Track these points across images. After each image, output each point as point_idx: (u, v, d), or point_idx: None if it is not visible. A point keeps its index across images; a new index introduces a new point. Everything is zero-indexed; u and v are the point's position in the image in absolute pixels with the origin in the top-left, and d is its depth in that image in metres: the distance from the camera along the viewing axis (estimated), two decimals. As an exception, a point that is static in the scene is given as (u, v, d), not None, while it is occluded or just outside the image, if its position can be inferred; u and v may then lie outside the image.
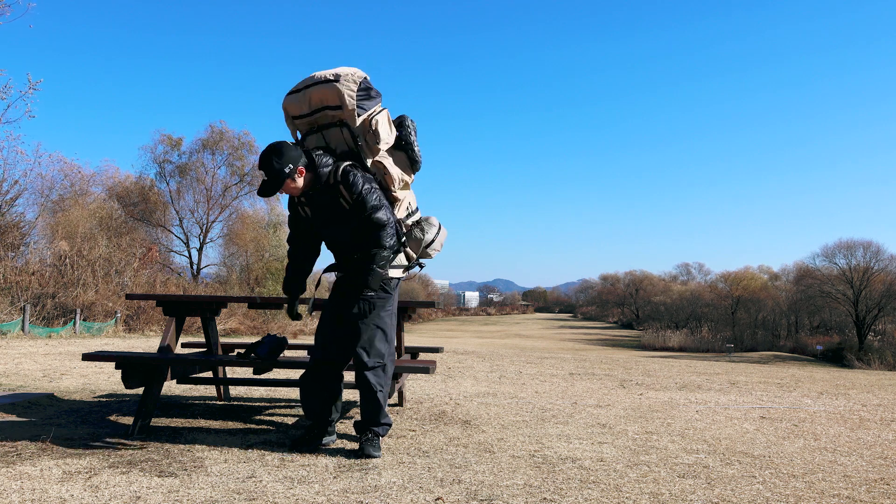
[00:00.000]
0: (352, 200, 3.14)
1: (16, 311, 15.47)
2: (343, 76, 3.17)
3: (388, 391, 3.40)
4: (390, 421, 3.37)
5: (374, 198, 3.15)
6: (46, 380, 6.01)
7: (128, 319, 18.52)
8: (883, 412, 5.60)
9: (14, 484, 2.65)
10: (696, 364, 13.46)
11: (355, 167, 3.19)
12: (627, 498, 2.65)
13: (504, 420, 4.46)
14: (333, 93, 3.16)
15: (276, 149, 3.09)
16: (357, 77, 3.19)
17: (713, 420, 4.77)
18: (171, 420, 4.12)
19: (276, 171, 3.06)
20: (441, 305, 8.18)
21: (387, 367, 3.33)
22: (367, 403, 3.31)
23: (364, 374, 3.26)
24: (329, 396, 3.39)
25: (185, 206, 33.66)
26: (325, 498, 2.55)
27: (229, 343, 5.23)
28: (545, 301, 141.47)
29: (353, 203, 3.15)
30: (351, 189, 3.12)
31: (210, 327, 4.59)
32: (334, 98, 3.17)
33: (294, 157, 3.09)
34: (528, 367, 9.41)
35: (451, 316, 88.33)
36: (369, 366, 3.25)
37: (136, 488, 2.63)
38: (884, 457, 3.68)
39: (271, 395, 5.40)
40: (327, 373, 3.39)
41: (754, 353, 44.97)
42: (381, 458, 3.24)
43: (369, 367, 3.25)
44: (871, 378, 10.91)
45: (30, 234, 21.09)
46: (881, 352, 36.63)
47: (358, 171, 3.17)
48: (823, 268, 52.37)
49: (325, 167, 3.15)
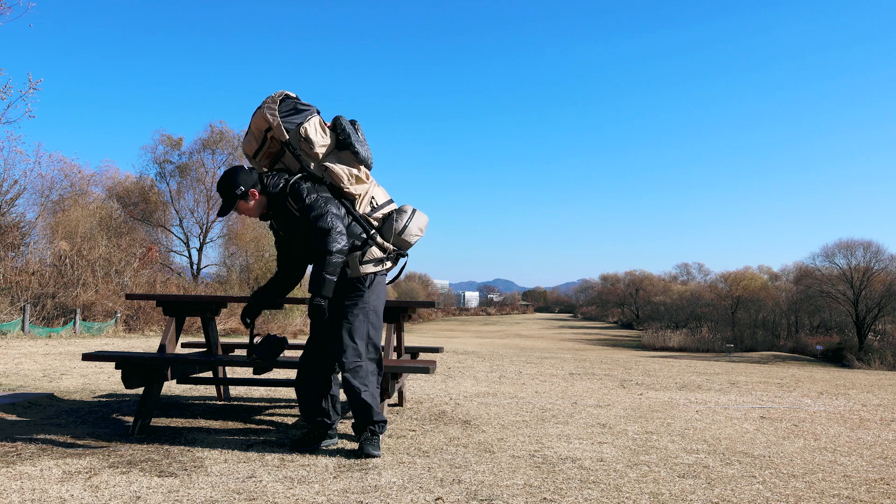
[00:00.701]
0: (298, 211, 3.28)
1: (16, 311, 15.47)
2: (265, 100, 3.44)
3: (377, 388, 3.41)
4: (384, 418, 3.38)
5: (319, 204, 3.26)
6: (46, 380, 6.01)
7: (128, 319, 18.52)
8: (883, 412, 5.60)
9: (14, 484, 2.65)
10: (696, 364, 13.45)
11: (303, 179, 3.35)
12: (627, 498, 2.65)
13: (504, 420, 4.46)
14: (260, 116, 3.41)
15: (230, 173, 3.36)
16: (277, 96, 3.44)
17: (713, 420, 4.78)
18: (171, 420, 4.12)
19: (228, 193, 3.31)
20: (441, 305, 8.17)
21: (364, 366, 3.34)
22: (353, 406, 3.35)
23: (344, 375, 3.32)
24: (319, 398, 3.43)
25: (185, 206, 33.64)
26: (325, 498, 2.55)
27: (229, 343, 5.23)
28: (545, 301, 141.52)
29: (300, 213, 3.28)
30: (296, 200, 3.29)
31: (210, 327, 4.60)
32: (263, 121, 3.40)
33: (245, 180, 3.32)
34: (528, 367, 9.41)
35: (451, 316, 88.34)
36: (347, 367, 3.30)
37: (136, 488, 2.63)
38: (884, 457, 3.68)
39: (271, 395, 5.40)
40: (312, 374, 3.44)
41: (754, 353, 44.98)
42: (381, 458, 3.24)
43: (346, 368, 3.31)
44: (871, 378, 10.91)
45: (30, 234, 21.11)
46: (881, 352, 36.64)
47: (304, 183, 3.33)
48: (823, 268, 52.41)
49: (276, 186, 3.34)
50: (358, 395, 3.29)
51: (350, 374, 3.29)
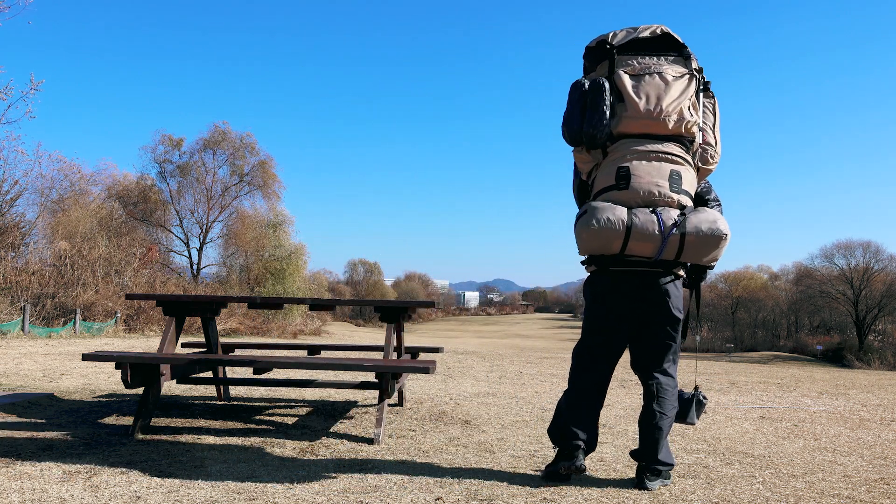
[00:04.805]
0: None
1: (16, 311, 15.47)
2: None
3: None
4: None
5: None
6: (46, 380, 6.01)
7: (128, 319, 18.52)
8: (883, 412, 5.60)
9: (14, 484, 2.65)
10: (695, 364, 13.43)
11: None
12: (627, 498, 2.65)
13: (504, 420, 4.46)
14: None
15: None
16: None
17: (713, 420, 4.78)
18: (171, 420, 4.12)
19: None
20: (441, 305, 8.20)
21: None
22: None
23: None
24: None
25: (186, 206, 33.63)
26: (325, 498, 2.55)
27: (229, 343, 5.23)
28: (545, 301, 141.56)
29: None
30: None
31: (210, 327, 4.60)
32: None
33: None
34: (528, 367, 9.41)
35: (451, 316, 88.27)
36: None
37: (136, 488, 2.63)
38: (884, 457, 3.68)
39: (271, 395, 5.40)
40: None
41: (754, 353, 45.02)
42: (381, 458, 3.25)
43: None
44: (871, 378, 10.91)
45: (30, 234, 21.08)
46: (881, 352, 36.68)
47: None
48: (823, 268, 52.44)
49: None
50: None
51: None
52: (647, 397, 2.91)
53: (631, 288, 2.83)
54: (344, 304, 4.66)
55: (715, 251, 2.72)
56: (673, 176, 2.78)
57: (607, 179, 2.82)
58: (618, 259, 2.79)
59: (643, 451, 2.85)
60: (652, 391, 2.90)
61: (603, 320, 2.90)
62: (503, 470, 3.06)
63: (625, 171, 2.77)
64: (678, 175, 2.80)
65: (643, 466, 2.83)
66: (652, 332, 2.90)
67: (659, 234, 2.66)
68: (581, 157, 2.96)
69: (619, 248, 2.70)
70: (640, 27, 2.97)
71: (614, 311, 2.87)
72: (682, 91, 2.86)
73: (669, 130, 2.82)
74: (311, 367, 3.73)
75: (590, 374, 2.93)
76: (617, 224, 2.65)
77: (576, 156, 2.99)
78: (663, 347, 2.92)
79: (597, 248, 2.74)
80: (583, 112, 2.83)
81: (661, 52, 2.96)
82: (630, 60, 2.93)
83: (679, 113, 2.82)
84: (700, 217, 2.70)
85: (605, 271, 2.87)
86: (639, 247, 2.69)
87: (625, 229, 2.65)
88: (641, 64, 2.92)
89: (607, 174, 2.83)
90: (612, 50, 2.93)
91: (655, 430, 2.84)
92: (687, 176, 2.84)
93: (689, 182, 2.84)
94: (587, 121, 2.81)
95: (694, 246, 2.68)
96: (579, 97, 2.86)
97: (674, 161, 2.81)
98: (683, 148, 2.86)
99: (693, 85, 2.89)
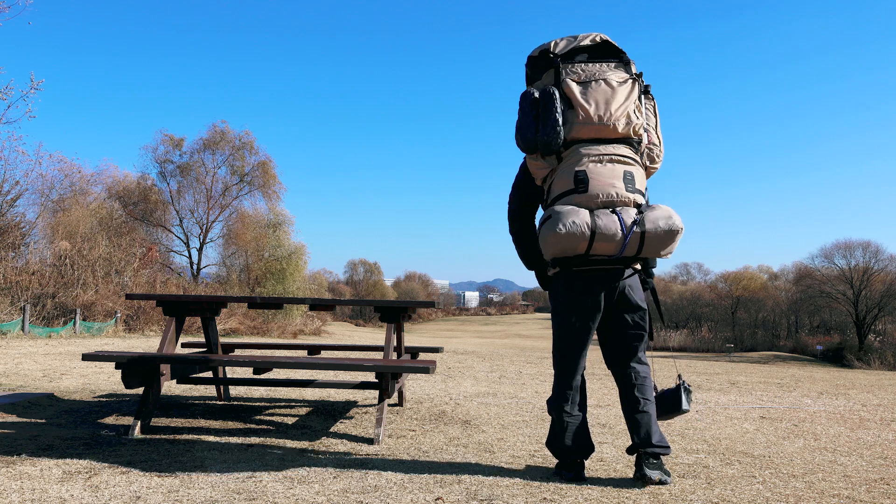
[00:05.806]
0: None
1: (16, 311, 15.47)
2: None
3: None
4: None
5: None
6: (46, 380, 6.01)
7: (128, 319, 18.51)
8: (883, 412, 5.61)
9: (14, 484, 2.65)
10: (696, 364, 13.46)
11: None
12: (627, 498, 2.65)
13: (504, 420, 4.46)
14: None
15: None
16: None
17: (713, 420, 4.78)
18: (171, 420, 4.12)
19: None
20: (441, 305, 8.18)
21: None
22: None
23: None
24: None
25: (186, 205, 33.60)
26: (325, 498, 2.55)
27: (229, 343, 5.23)
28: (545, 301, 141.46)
29: None
30: None
31: (210, 327, 4.60)
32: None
33: None
34: (528, 367, 9.41)
35: (451, 316, 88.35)
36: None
37: (136, 488, 2.63)
38: (884, 457, 3.68)
39: (271, 395, 5.40)
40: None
41: (754, 353, 45.02)
42: (381, 458, 3.25)
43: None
44: (871, 378, 10.91)
45: (30, 234, 21.08)
46: (881, 352, 36.64)
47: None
48: (823, 268, 52.43)
49: None
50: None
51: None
52: (626, 387, 2.99)
53: (595, 285, 2.93)
54: (344, 304, 4.66)
55: (671, 245, 2.84)
56: (627, 176, 2.89)
57: (565, 184, 2.90)
58: (581, 259, 2.87)
59: (638, 438, 2.91)
60: (630, 380, 2.98)
61: (573, 322, 2.97)
62: (503, 470, 3.06)
63: (582, 175, 2.86)
64: (631, 175, 2.91)
65: (641, 453, 2.88)
66: (621, 324, 2.99)
67: (621, 233, 2.75)
68: (536, 163, 3.04)
69: (584, 249, 2.79)
70: (580, 35, 3.10)
71: (582, 311, 2.95)
72: (628, 95, 2.97)
73: (619, 133, 2.93)
74: (310, 367, 3.73)
75: (573, 378, 3.02)
76: (582, 227, 2.74)
77: (530, 163, 3.07)
78: (635, 338, 3.00)
79: (563, 251, 2.82)
80: (536, 120, 2.93)
81: (602, 58, 3.07)
82: (575, 68, 3.03)
83: (627, 116, 2.94)
84: (656, 213, 2.81)
85: (569, 272, 2.95)
86: (602, 247, 2.79)
87: (590, 232, 2.74)
88: (586, 71, 3.02)
89: (565, 179, 2.91)
90: (556, 59, 3.03)
91: (644, 415, 2.92)
92: (638, 175, 2.95)
93: (641, 181, 2.96)
94: (541, 129, 2.90)
95: (653, 242, 2.80)
96: (530, 106, 2.96)
97: (626, 162, 2.92)
98: (633, 149, 2.98)
99: (636, 89, 3.02)
